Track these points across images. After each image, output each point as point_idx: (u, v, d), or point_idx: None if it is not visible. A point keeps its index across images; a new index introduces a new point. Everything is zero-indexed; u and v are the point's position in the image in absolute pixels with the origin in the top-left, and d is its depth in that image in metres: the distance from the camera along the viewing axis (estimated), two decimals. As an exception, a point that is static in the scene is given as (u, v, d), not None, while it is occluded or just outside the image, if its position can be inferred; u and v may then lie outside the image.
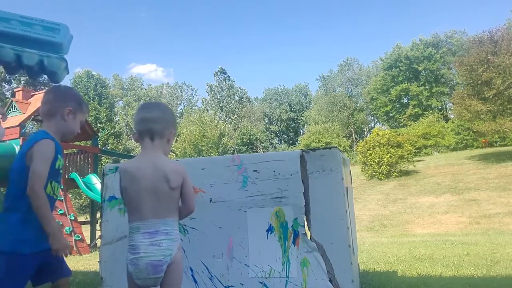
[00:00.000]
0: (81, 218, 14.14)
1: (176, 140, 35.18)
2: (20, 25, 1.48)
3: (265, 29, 75.28)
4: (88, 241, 10.00)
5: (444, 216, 12.94)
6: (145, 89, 53.12)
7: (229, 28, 76.19)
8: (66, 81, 46.82)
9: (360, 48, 77.58)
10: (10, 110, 10.85)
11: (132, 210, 1.63)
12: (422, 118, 34.93)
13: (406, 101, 42.26)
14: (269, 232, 2.42)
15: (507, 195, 13.86)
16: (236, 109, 51.52)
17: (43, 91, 12.91)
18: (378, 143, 20.23)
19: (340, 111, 44.40)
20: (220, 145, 37.47)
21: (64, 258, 1.86)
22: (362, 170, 21.21)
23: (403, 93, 41.26)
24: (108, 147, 35.69)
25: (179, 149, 35.36)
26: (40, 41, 1.48)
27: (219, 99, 53.03)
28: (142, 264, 1.54)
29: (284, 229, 2.40)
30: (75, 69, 46.00)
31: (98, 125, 37.84)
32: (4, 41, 1.48)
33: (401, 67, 41.02)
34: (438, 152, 29.56)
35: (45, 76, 1.64)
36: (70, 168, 11.46)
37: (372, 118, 48.19)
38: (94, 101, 40.12)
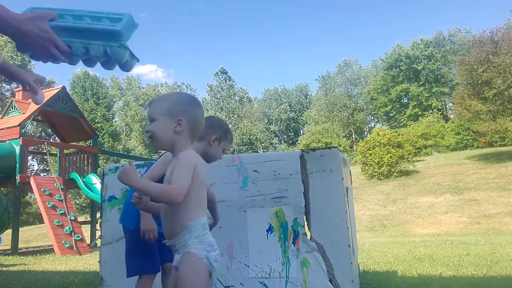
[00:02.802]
0: (81, 218, 14.16)
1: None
2: (90, 20, 1.57)
3: (265, 29, 75.32)
4: (88, 241, 10.00)
5: (444, 216, 12.94)
6: (144, 89, 53.09)
7: (229, 28, 76.23)
8: (65, 82, 46.87)
9: (360, 48, 77.60)
10: (10, 110, 10.85)
11: (202, 201, 1.52)
12: (422, 118, 34.93)
13: (406, 101, 42.27)
14: (269, 232, 2.42)
15: (507, 195, 13.86)
16: (236, 109, 51.53)
17: (43, 91, 12.90)
18: (378, 143, 20.23)
19: (340, 111, 44.41)
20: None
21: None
22: (362, 170, 21.21)
23: (403, 93, 41.28)
24: (105, 146, 35.69)
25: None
26: (100, 31, 1.55)
27: (219, 99, 53.04)
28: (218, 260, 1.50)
29: (284, 229, 2.40)
30: (75, 70, 46.02)
31: (95, 124, 37.87)
32: (73, 36, 1.57)
33: (401, 67, 41.03)
34: (438, 152, 29.56)
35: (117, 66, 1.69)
36: (70, 168, 11.46)
37: (372, 118, 48.20)
38: (90, 101, 40.39)
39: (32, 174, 16.69)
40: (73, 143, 12.69)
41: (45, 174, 33.32)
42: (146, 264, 2.01)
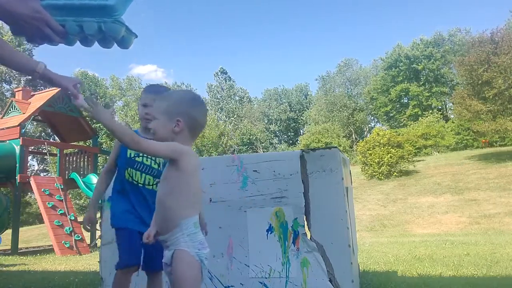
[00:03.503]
0: (81, 218, 14.12)
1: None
2: None
3: (265, 29, 75.31)
4: (88, 241, 10.00)
5: (444, 216, 12.94)
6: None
7: (229, 28, 76.23)
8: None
9: (360, 48, 77.60)
10: (10, 110, 10.85)
11: (195, 201, 1.52)
12: (422, 118, 34.93)
13: (406, 101, 42.27)
14: (269, 232, 2.42)
15: (507, 195, 13.86)
16: (236, 109, 51.52)
17: (43, 91, 12.90)
18: (378, 143, 20.23)
19: (340, 111, 44.40)
20: (220, 145, 37.46)
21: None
22: (362, 170, 21.20)
23: (403, 93, 41.28)
24: (105, 146, 35.70)
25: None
26: (92, 7, 1.50)
27: (219, 99, 53.04)
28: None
29: (284, 229, 2.40)
30: (75, 70, 46.04)
31: (95, 125, 37.98)
32: (66, 15, 1.52)
33: (401, 67, 41.04)
34: (438, 152, 29.55)
35: (115, 43, 1.64)
36: (70, 168, 11.46)
37: (372, 118, 48.20)
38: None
39: (32, 174, 16.68)
40: (73, 143, 12.69)
41: (45, 174, 33.34)
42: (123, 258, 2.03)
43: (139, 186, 2.09)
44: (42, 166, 39.03)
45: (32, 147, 13.01)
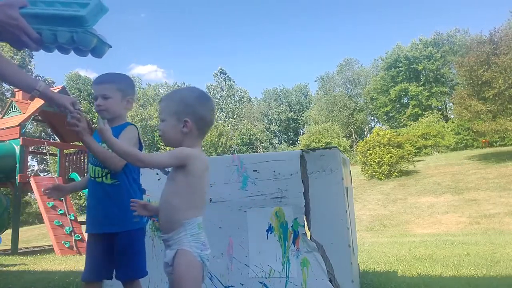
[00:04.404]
0: (81, 218, 14.11)
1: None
2: (61, 6, 1.55)
3: (265, 29, 75.31)
4: (88, 241, 9.99)
5: (444, 216, 12.94)
6: (143, 89, 53.06)
7: (229, 28, 76.23)
8: (60, 83, 47.00)
9: (360, 48, 77.62)
10: (10, 110, 10.85)
11: (200, 202, 1.54)
12: (422, 118, 34.93)
13: (406, 101, 42.28)
14: (269, 232, 2.42)
15: (507, 195, 13.86)
16: (236, 109, 51.51)
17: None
18: (378, 143, 20.23)
19: (340, 111, 44.40)
20: (219, 145, 37.42)
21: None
22: (362, 170, 21.20)
23: (403, 93, 41.28)
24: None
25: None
26: (65, 17, 1.54)
27: (219, 99, 53.04)
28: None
29: (284, 229, 2.40)
30: (75, 70, 46.12)
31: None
32: (42, 23, 1.57)
33: (401, 67, 41.04)
34: (438, 152, 29.55)
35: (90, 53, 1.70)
36: (70, 168, 11.46)
37: (372, 118, 48.20)
38: (86, 102, 41.07)
39: (32, 174, 16.69)
40: (73, 143, 12.69)
41: (45, 174, 33.33)
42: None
43: (91, 179, 1.92)
44: (42, 166, 39.04)
45: (32, 147, 13.01)
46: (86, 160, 11.70)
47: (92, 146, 1.73)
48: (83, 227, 10.26)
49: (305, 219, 2.39)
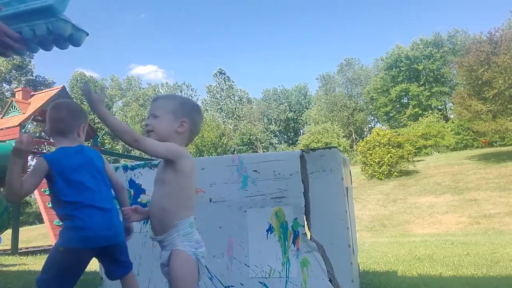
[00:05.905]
0: (81, 218, 14.19)
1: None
2: (17, 4, 1.60)
3: (265, 29, 75.29)
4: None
5: (444, 216, 12.94)
6: (144, 89, 53.06)
7: (229, 28, 76.22)
8: (65, 83, 47.01)
9: (360, 48, 77.61)
10: (10, 110, 10.85)
11: (191, 202, 1.54)
12: (422, 118, 34.93)
13: (406, 101, 42.26)
14: (269, 232, 2.42)
15: (507, 195, 13.86)
16: (236, 110, 51.52)
17: (43, 91, 12.90)
18: (378, 143, 20.24)
19: (340, 111, 44.40)
20: (220, 145, 37.43)
21: None
22: (362, 170, 21.21)
23: (403, 93, 41.27)
24: (105, 147, 35.72)
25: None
26: (37, 10, 1.58)
27: (219, 99, 53.04)
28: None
29: (284, 229, 2.40)
30: (75, 70, 46.13)
31: (95, 125, 38.09)
32: (20, 21, 1.62)
33: (401, 67, 41.02)
34: (438, 152, 29.56)
35: (69, 43, 1.73)
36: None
37: (372, 118, 48.20)
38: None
39: (32, 174, 16.67)
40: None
41: (45, 174, 33.22)
42: None
43: None
44: (42, 166, 38.93)
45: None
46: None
47: (108, 119, 1.48)
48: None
49: (305, 219, 2.39)
